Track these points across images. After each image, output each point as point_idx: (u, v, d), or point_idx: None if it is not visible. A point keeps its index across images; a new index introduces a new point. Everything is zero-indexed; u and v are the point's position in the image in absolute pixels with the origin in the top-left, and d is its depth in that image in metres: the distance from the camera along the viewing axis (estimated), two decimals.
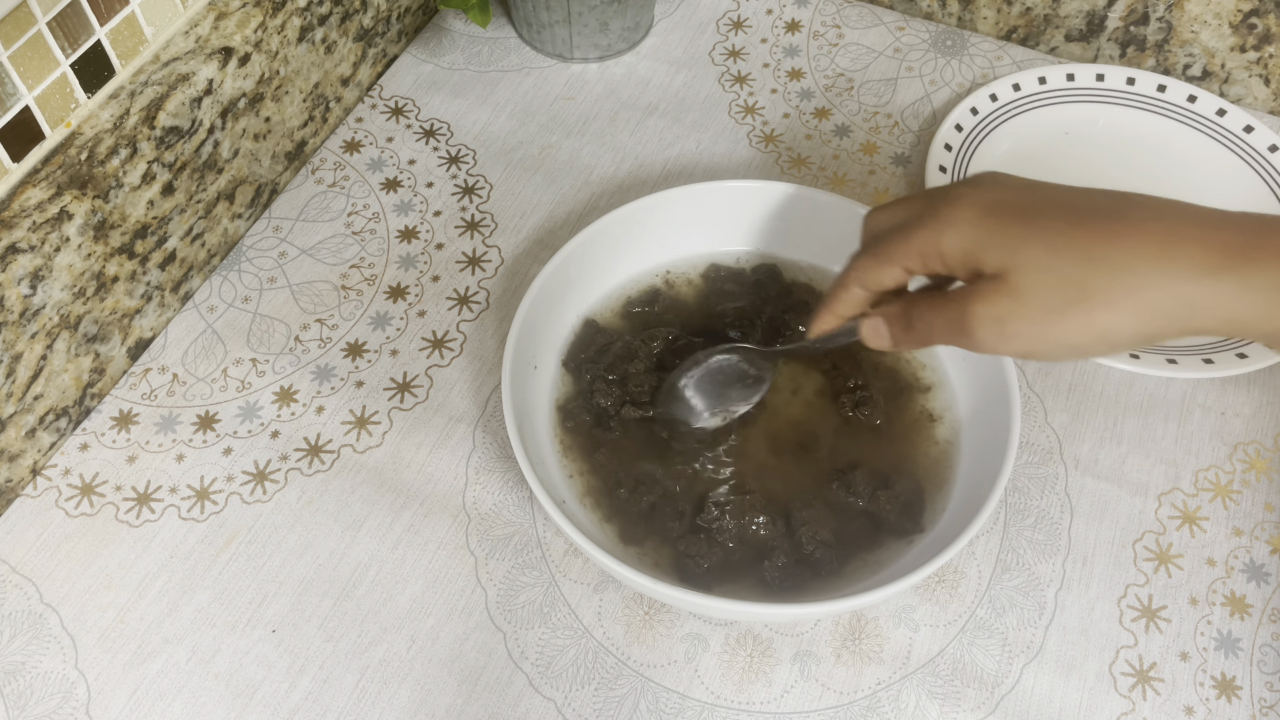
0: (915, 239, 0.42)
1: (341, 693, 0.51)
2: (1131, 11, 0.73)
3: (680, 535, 0.52)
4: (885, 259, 0.44)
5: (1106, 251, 0.38)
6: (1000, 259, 0.40)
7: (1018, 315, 0.39)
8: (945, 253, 0.41)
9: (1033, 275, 0.39)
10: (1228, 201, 0.67)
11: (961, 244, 0.41)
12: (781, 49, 0.76)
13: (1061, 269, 0.39)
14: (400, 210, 0.68)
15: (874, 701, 0.51)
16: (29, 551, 0.55)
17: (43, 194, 0.53)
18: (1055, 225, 0.39)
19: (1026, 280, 0.39)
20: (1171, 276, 0.38)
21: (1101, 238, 0.39)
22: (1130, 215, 0.39)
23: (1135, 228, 0.39)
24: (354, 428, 0.59)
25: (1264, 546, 0.56)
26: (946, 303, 0.42)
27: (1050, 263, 0.39)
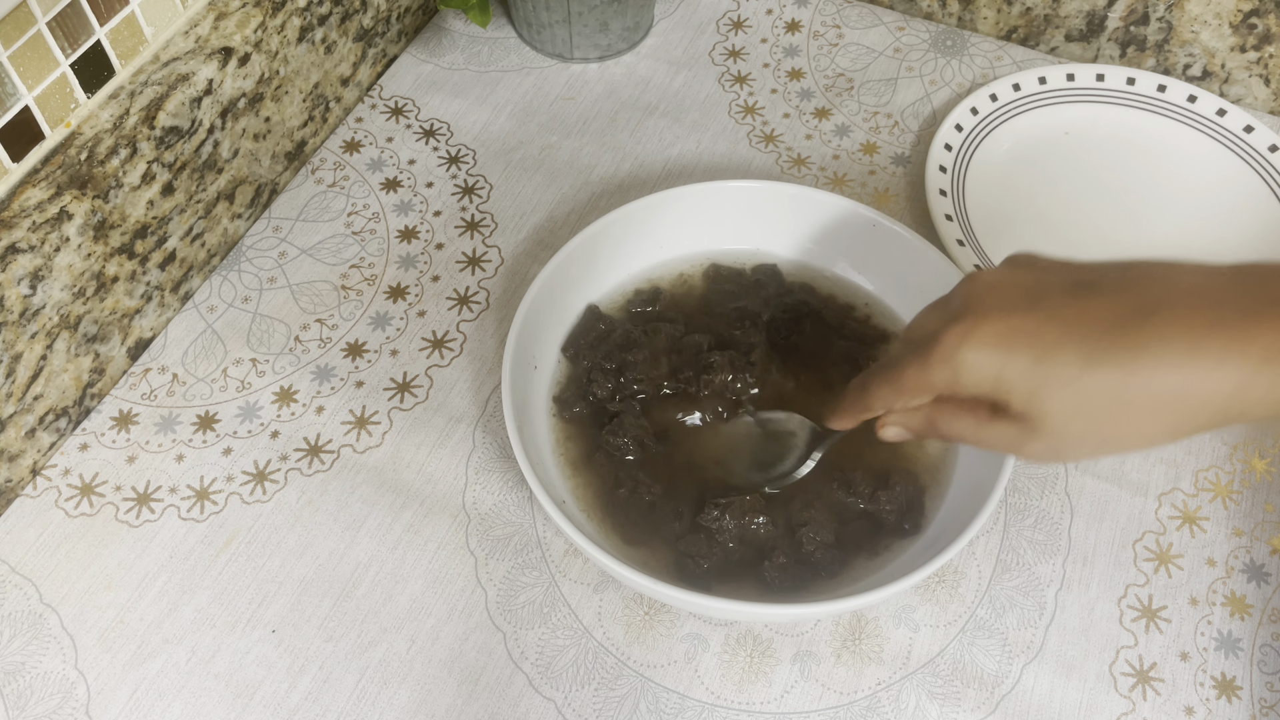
0: (934, 377, 0.41)
1: (341, 693, 0.51)
2: (1131, 11, 0.73)
3: (680, 535, 0.52)
4: (905, 392, 0.43)
5: (1130, 389, 0.37)
6: (1026, 405, 0.39)
7: (1064, 451, 0.40)
8: (968, 391, 0.41)
9: (1065, 423, 0.39)
10: (1228, 201, 0.68)
11: (982, 384, 0.40)
12: (781, 49, 0.76)
13: (1089, 414, 0.38)
14: (400, 210, 0.68)
15: (874, 701, 0.51)
16: (29, 551, 0.55)
17: (43, 194, 0.53)
18: (1072, 362, 0.38)
19: (1061, 427, 0.39)
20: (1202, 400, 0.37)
21: (1122, 376, 0.37)
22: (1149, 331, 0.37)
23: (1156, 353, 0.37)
24: (354, 428, 0.59)
25: (1264, 546, 0.56)
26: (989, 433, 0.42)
27: (1078, 408, 0.38)
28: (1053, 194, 0.68)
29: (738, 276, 0.61)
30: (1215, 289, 0.38)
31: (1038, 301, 0.40)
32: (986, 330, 0.40)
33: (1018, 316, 0.40)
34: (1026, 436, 0.40)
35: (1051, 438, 0.39)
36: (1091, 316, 0.38)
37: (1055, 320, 0.39)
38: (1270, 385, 0.36)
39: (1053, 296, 0.40)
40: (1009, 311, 0.40)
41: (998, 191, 0.68)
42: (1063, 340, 0.38)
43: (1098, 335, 0.38)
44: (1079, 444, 0.39)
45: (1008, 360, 0.39)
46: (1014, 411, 0.40)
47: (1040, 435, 0.40)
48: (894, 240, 0.58)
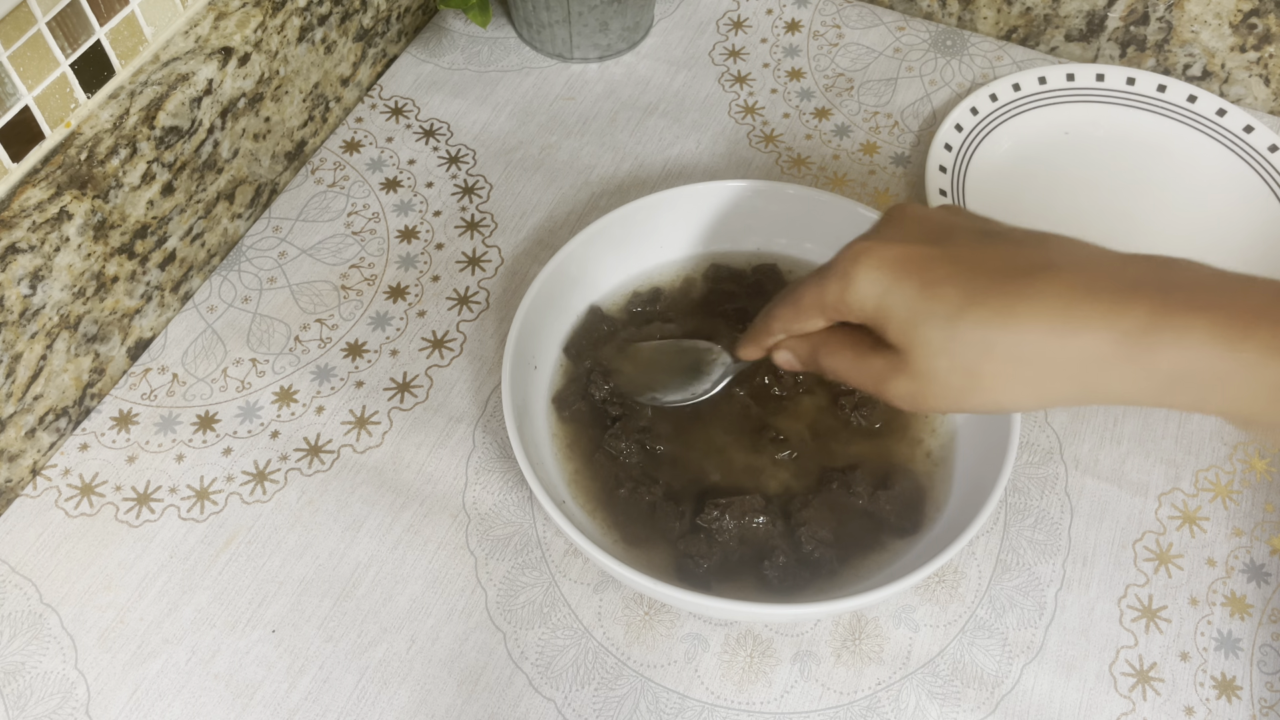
0: (827, 294, 0.42)
1: (341, 693, 0.51)
2: (1131, 11, 0.73)
3: (680, 535, 0.52)
4: (801, 311, 0.44)
5: (998, 338, 0.38)
6: (900, 334, 0.40)
7: (926, 393, 0.40)
8: (853, 310, 0.41)
9: (931, 360, 0.39)
10: (1228, 201, 0.68)
11: (866, 304, 0.41)
12: (781, 49, 0.76)
13: (956, 355, 0.38)
14: (400, 210, 0.68)
15: (874, 702, 0.51)
16: (29, 551, 0.55)
17: (42, 194, 0.53)
18: (953, 299, 0.38)
19: (927, 364, 0.39)
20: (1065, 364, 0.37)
21: (997, 320, 0.38)
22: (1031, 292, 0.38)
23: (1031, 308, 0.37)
24: (354, 428, 0.59)
25: (1264, 546, 0.56)
26: (860, 366, 0.43)
27: (946, 346, 0.39)
28: (1053, 194, 0.68)
29: (738, 277, 0.61)
30: (1106, 263, 0.38)
31: (939, 239, 0.41)
32: (882, 253, 0.41)
33: (916, 247, 0.40)
34: (894, 371, 0.41)
35: (917, 375, 0.40)
36: (984, 263, 0.39)
37: (949, 259, 0.40)
38: (1130, 363, 0.36)
39: (956, 237, 0.41)
40: (908, 242, 0.41)
41: (998, 191, 0.68)
42: (950, 278, 0.39)
43: (984, 280, 0.38)
44: (941, 387, 0.40)
45: (893, 285, 0.40)
46: (889, 341, 0.40)
47: (907, 370, 0.40)
48: None
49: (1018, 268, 0.39)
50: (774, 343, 0.47)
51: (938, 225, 0.42)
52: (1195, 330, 0.35)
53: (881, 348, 0.41)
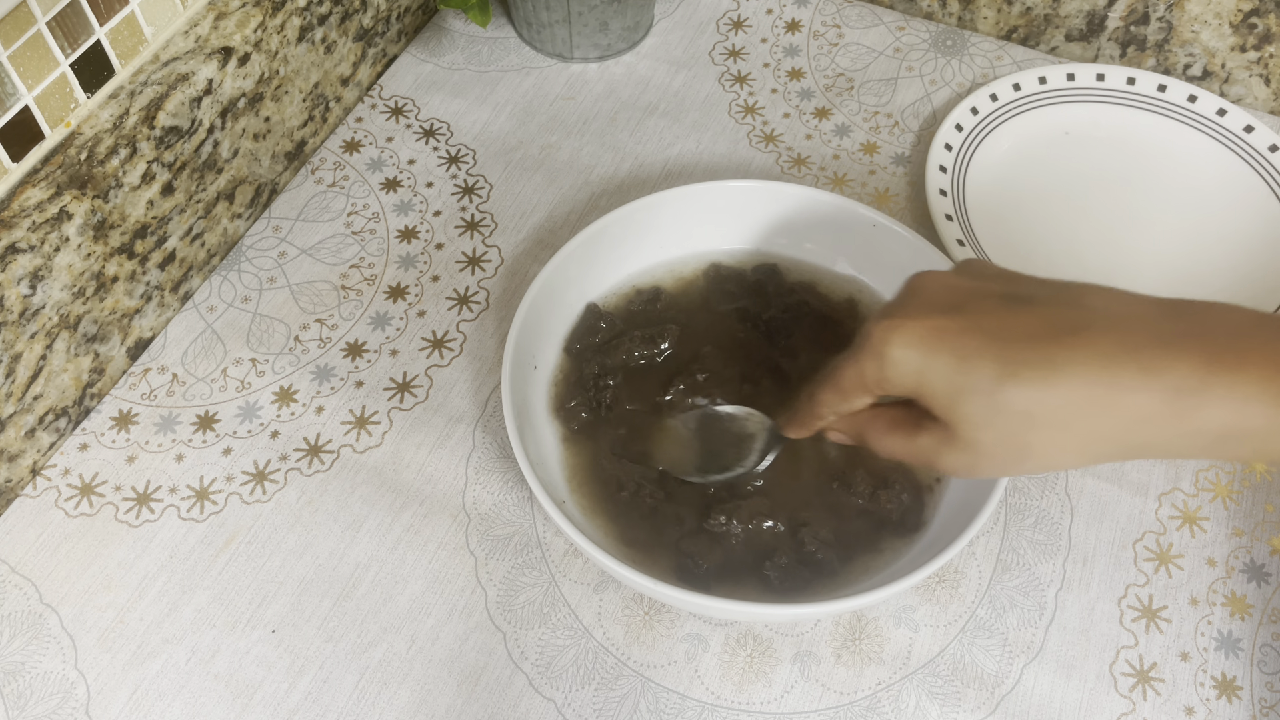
0: (866, 373, 0.42)
1: (341, 693, 0.51)
2: (1132, 11, 0.73)
3: (681, 536, 0.52)
4: (846, 394, 0.44)
5: (1039, 410, 0.37)
6: (944, 411, 0.40)
7: (978, 465, 0.40)
8: (894, 388, 0.41)
9: (976, 432, 0.39)
10: (1228, 201, 0.68)
11: (905, 381, 0.40)
12: (781, 49, 0.76)
13: (1000, 427, 0.38)
14: (400, 210, 0.68)
15: (874, 702, 0.51)
16: (29, 551, 0.55)
17: (42, 194, 0.53)
18: (989, 373, 0.38)
19: (973, 437, 0.39)
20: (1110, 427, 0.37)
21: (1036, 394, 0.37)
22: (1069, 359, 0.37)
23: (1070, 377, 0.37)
24: (354, 428, 0.59)
25: (1264, 546, 0.56)
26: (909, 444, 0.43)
27: (989, 419, 0.38)
28: (1053, 194, 0.68)
29: (738, 276, 0.61)
30: (1139, 317, 0.38)
31: (966, 307, 0.40)
32: (912, 327, 0.40)
33: (945, 319, 0.40)
34: (944, 446, 0.41)
35: (966, 448, 0.40)
36: (1015, 329, 0.39)
37: (979, 328, 0.39)
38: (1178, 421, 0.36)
39: (982, 304, 0.40)
40: (938, 313, 0.40)
41: (998, 191, 0.68)
42: (983, 349, 0.38)
43: (1018, 347, 0.38)
44: (990, 457, 0.40)
45: (929, 360, 0.39)
46: (935, 416, 0.40)
47: (955, 445, 0.40)
48: (894, 240, 0.58)
49: (1050, 331, 0.38)
50: (822, 425, 0.47)
51: (958, 292, 0.41)
52: (1242, 385, 0.35)
53: (928, 422, 0.41)
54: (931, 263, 0.57)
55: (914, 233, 0.58)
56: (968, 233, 0.65)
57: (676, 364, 0.57)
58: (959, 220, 0.65)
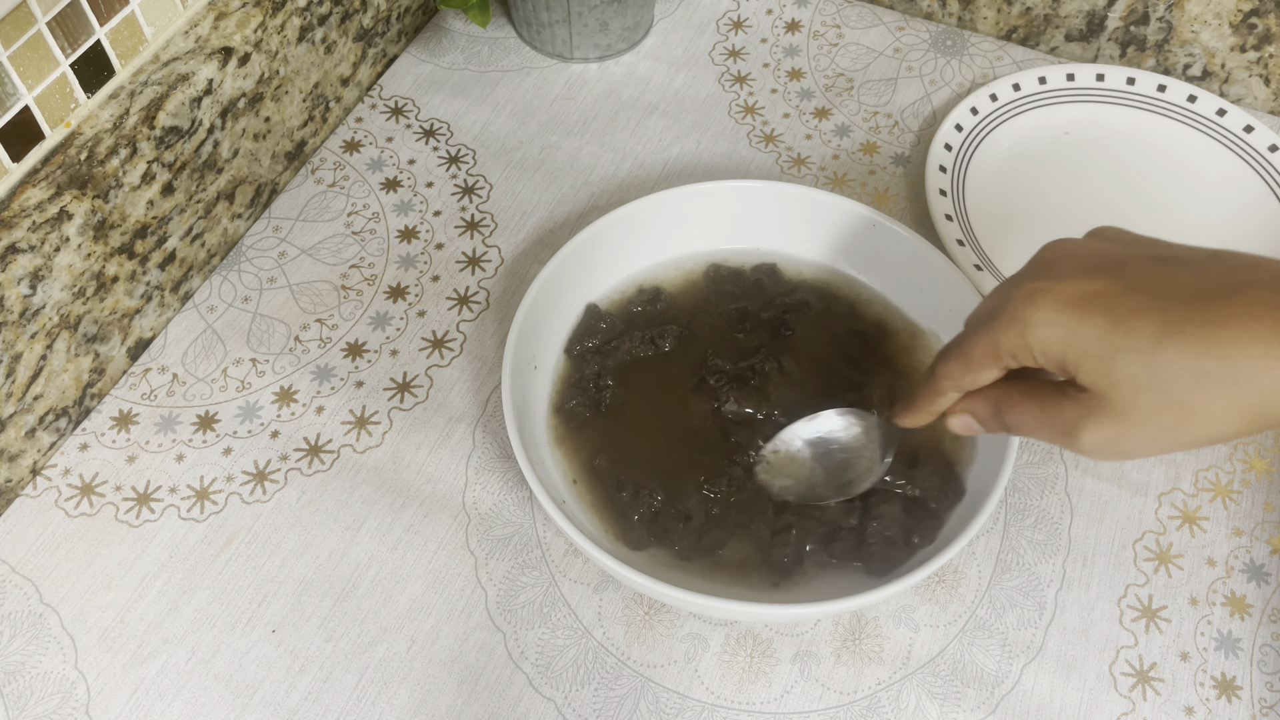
0: (1002, 341, 0.40)
1: (341, 693, 0.51)
2: (1131, 11, 0.73)
3: (681, 536, 0.52)
4: (974, 364, 0.42)
5: (1208, 365, 0.35)
6: (1096, 375, 0.37)
7: (1128, 437, 0.38)
8: (1037, 355, 0.39)
9: (1135, 396, 0.37)
10: (1228, 201, 0.68)
11: (1052, 348, 0.38)
12: (781, 49, 0.76)
13: (1164, 388, 0.36)
14: (400, 210, 0.68)
15: (874, 701, 0.51)
16: (29, 551, 0.55)
17: (42, 194, 0.53)
18: (1149, 330, 0.36)
19: (1130, 401, 0.37)
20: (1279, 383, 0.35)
21: (1202, 347, 0.35)
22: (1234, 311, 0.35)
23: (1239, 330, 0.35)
24: (354, 428, 0.59)
25: (1264, 546, 0.56)
26: (1048, 416, 0.40)
27: (1150, 380, 0.36)
28: (1053, 194, 0.68)
29: (738, 276, 0.61)
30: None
31: (1119, 269, 0.38)
32: (1061, 292, 0.38)
33: (1097, 281, 0.38)
34: (1090, 416, 0.38)
35: (1118, 416, 0.37)
36: (1175, 288, 0.37)
37: (1136, 289, 0.37)
38: None
39: (1136, 266, 0.38)
40: (1088, 276, 0.38)
41: (998, 191, 0.68)
42: (1142, 309, 0.36)
43: (1179, 307, 0.36)
44: (1146, 425, 0.37)
45: (1080, 323, 0.37)
46: (1081, 383, 0.38)
47: (1106, 413, 0.38)
48: (894, 240, 0.58)
49: (1213, 289, 0.36)
50: (944, 405, 0.45)
51: (1109, 257, 0.39)
52: None
53: (1070, 393, 0.39)
54: (930, 262, 0.57)
55: (914, 233, 0.58)
56: (968, 233, 0.65)
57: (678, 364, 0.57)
58: (959, 220, 0.65)
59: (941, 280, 0.57)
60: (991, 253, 0.64)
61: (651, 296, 0.60)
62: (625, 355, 0.57)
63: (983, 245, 0.65)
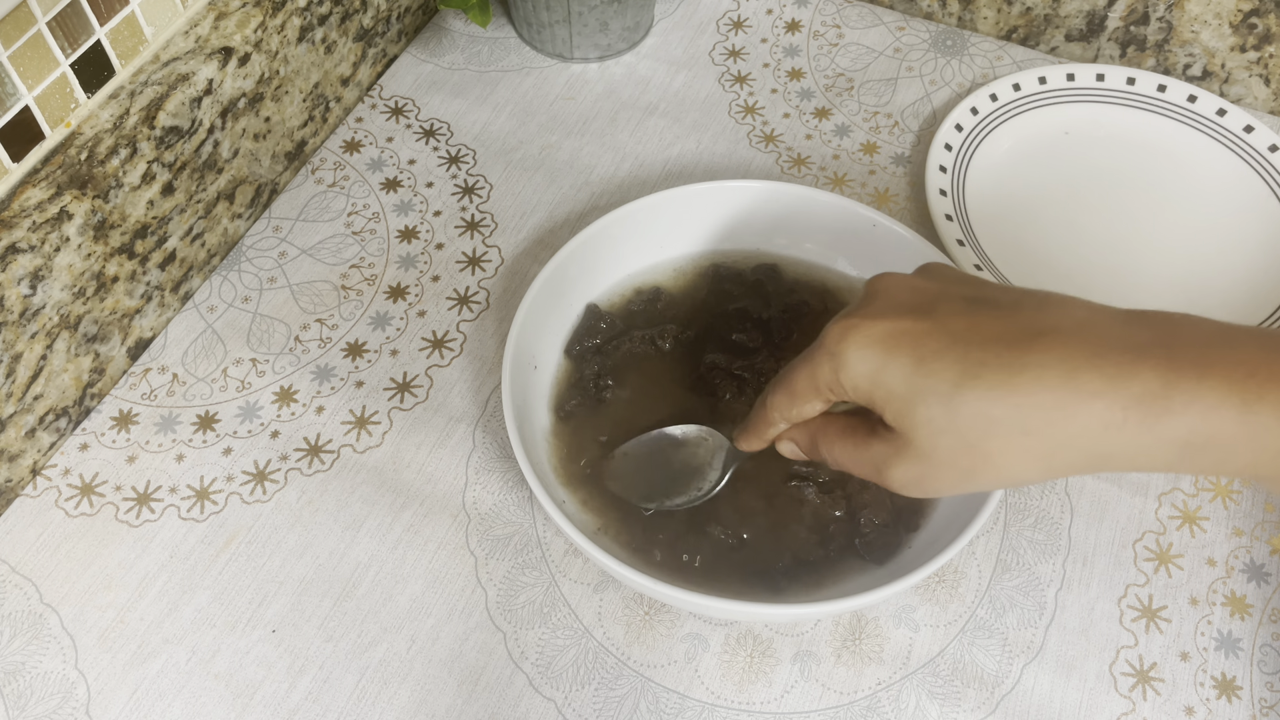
0: (819, 375, 0.41)
1: (341, 693, 0.51)
2: (1131, 11, 0.73)
3: (682, 535, 0.52)
4: (798, 397, 0.43)
5: (1001, 413, 0.36)
6: (901, 416, 0.38)
7: (930, 477, 0.39)
8: (848, 391, 0.40)
9: (934, 439, 0.38)
10: (1228, 201, 0.68)
11: (859, 384, 0.39)
12: (781, 49, 0.76)
13: (960, 433, 0.37)
14: (400, 210, 0.68)
15: (874, 701, 0.51)
16: (29, 551, 0.55)
17: (43, 194, 0.53)
18: (949, 376, 0.37)
19: (930, 444, 0.38)
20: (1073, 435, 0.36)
21: (996, 395, 0.36)
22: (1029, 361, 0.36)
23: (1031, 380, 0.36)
24: (354, 428, 0.59)
25: (1264, 546, 0.56)
26: (859, 454, 0.41)
27: (948, 425, 0.37)
28: (1053, 194, 0.68)
29: (738, 277, 0.61)
30: (1104, 325, 0.37)
31: (929, 310, 0.39)
32: (869, 330, 0.39)
33: (906, 320, 0.39)
34: (896, 455, 0.39)
35: (919, 457, 0.38)
36: (978, 332, 0.38)
37: (941, 330, 0.38)
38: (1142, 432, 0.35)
39: (945, 306, 0.39)
40: (898, 315, 0.39)
41: (998, 191, 0.68)
42: (943, 351, 0.37)
43: (979, 351, 0.37)
44: (946, 468, 0.38)
45: (888, 362, 0.38)
46: (888, 422, 0.39)
47: (909, 453, 0.39)
48: (894, 240, 0.58)
49: (1014, 335, 0.37)
50: (775, 434, 0.46)
51: (923, 294, 0.40)
52: (1206, 395, 0.34)
53: (881, 431, 0.40)
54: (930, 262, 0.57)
55: (914, 233, 0.58)
56: (967, 233, 0.65)
57: (678, 364, 0.57)
58: (959, 220, 0.65)
59: None
60: (991, 253, 0.64)
61: (651, 296, 0.60)
62: (625, 355, 0.57)
63: (983, 245, 0.65)
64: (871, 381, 0.39)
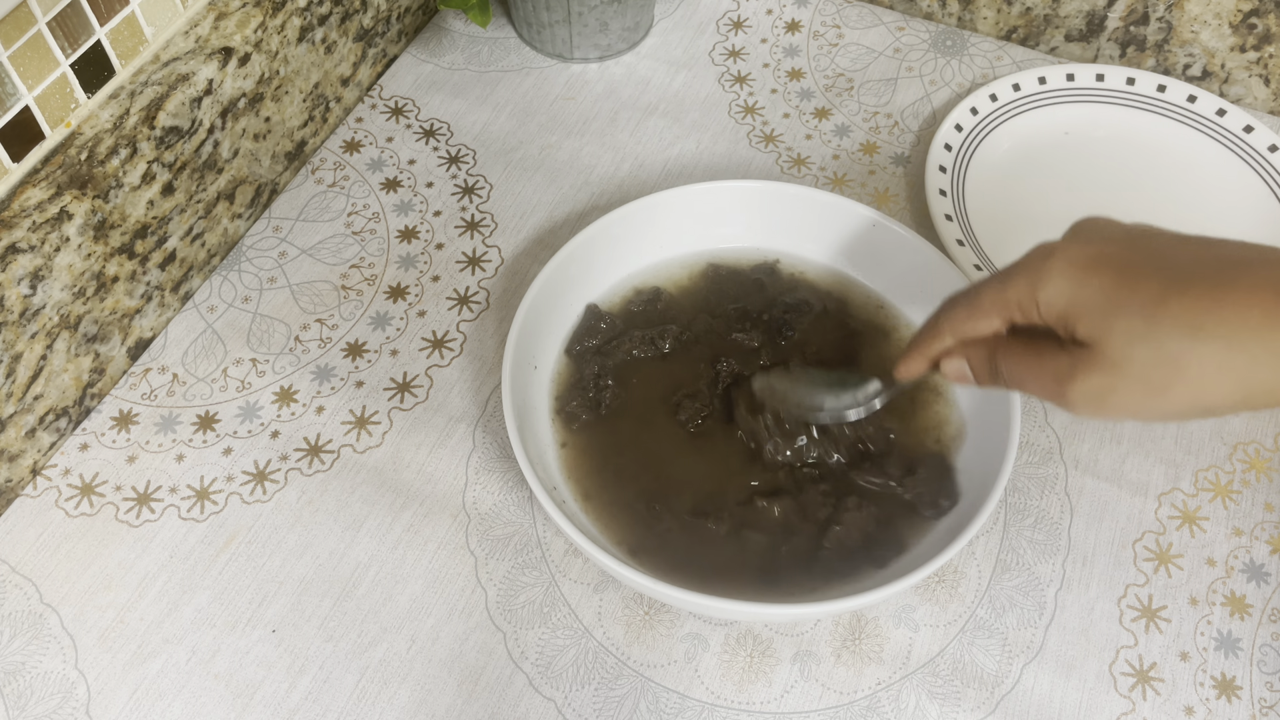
0: (1011, 291, 0.41)
1: (341, 693, 0.51)
2: (1131, 11, 0.73)
3: (682, 535, 0.52)
4: (979, 311, 0.43)
5: (1206, 322, 0.36)
6: (1096, 326, 0.38)
7: (1117, 390, 0.38)
8: (1042, 308, 0.40)
9: (1130, 348, 0.37)
10: (1228, 201, 0.68)
11: (1057, 301, 0.39)
12: (781, 49, 0.76)
13: (1159, 342, 0.36)
14: (400, 210, 0.68)
15: (874, 701, 0.51)
16: (29, 551, 0.55)
17: (43, 194, 0.53)
18: (1153, 290, 0.37)
19: (1124, 353, 0.37)
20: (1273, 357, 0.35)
21: (1203, 305, 0.36)
22: (1240, 280, 0.36)
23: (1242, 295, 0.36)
24: (354, 428, 0.59)
25: (1264, 546, 0.56)
26: (1041, 365, 0.41)
27: (1147, 333, 0.37)
28: (1053, 194, 0.68)
29: (737, 276, 0.61)
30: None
31: (1135, 240, 0.40)
32: (1075, 253, 0.39)
33: (1112, 247, 0.39)
34: (1082, 366, 0.38)
35: (1110, 367, 0.38)
36: (1182, 255, 0.38)
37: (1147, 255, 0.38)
38: None
39: (1152, 238, 0.40)
40: (1104, 243, 0.40)
41: (998, 191, 0.68)
42: (1150, 270, 0.37)
43: (1186, 270, 0.37)
44: (1136, 378, 0.37)
45: (1087, 279, 0.38)
46: (1080, 337, 0.39)
47: (1098, 363, 0.38)
48: (894, 240, 0.58)
49: (1220, 260, 0.37)
50: (942, 349, 0.45)
51: (1128, 230, 0.41)
52: None
53: (1067, 347, 0.39)
54: (930, 262, 0.57)
55: (914, 233, 0.58)
56: (967, 233, 0.65)
57: (678, 364, 0.57)
58: (959, 220, 0.65)
59: (941, 280, 0.57)
60: (991, 253, 0.64)
61: (651, 296, 0.60)
62: (625, 355, 0.57)
63: (983, 245, 0.65)
64: (1069, 299, 0.39)
